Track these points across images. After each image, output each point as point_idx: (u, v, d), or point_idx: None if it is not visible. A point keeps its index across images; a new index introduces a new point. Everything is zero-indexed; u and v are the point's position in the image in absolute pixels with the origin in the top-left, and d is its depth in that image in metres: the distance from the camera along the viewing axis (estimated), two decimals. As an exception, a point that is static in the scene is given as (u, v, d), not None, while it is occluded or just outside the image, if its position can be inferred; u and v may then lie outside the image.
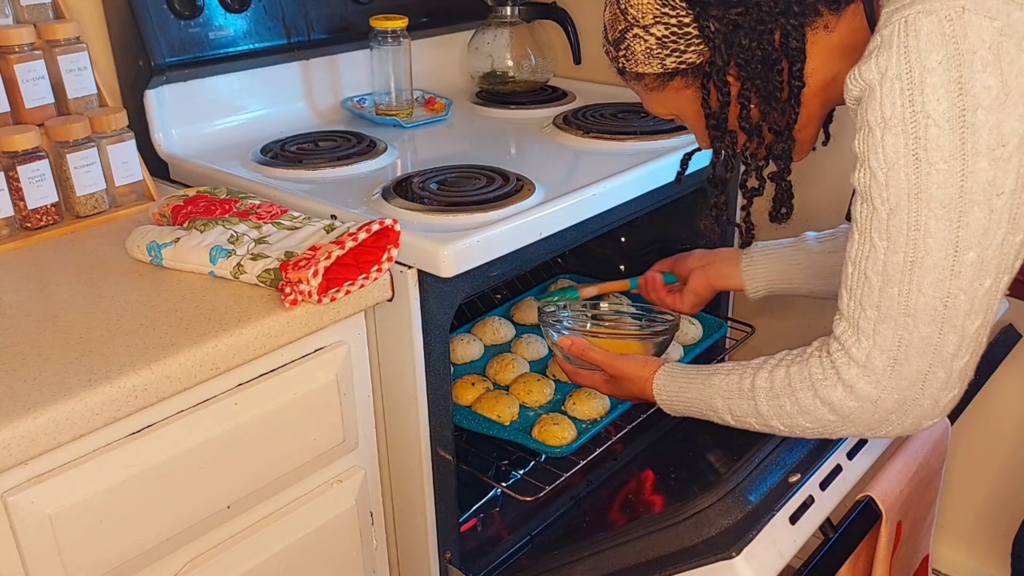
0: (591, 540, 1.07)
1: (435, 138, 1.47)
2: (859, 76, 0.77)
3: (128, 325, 0.90)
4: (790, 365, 0.90)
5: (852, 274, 0.83)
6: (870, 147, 0.78)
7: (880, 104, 0.76)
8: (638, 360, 1.11)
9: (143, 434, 0.86)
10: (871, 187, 0.79)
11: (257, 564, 1.00)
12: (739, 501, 0.98)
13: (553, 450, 1.21)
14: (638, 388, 1.09)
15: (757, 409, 0.93)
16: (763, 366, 0.93)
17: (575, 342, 1.17)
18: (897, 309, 0.80)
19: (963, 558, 1.62)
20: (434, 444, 1.12)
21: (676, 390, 1.04)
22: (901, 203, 0.77)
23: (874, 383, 0.83)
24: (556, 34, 1.67)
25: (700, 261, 1.27)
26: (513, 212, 1.10)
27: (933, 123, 0.74)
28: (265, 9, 1.42)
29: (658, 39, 0.87)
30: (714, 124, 0.91)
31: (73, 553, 0.82)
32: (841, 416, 0.87)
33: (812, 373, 0.87)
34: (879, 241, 0.79)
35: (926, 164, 0.75)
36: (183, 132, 1.37)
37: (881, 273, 0.80)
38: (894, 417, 0.85)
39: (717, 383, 0.97)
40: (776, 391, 0.91)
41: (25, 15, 1.18)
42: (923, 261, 0.78)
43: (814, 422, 0.89)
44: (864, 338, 0.83)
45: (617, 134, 1.37)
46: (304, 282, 0.92)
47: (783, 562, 0.95)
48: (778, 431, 0.93)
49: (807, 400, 0.88)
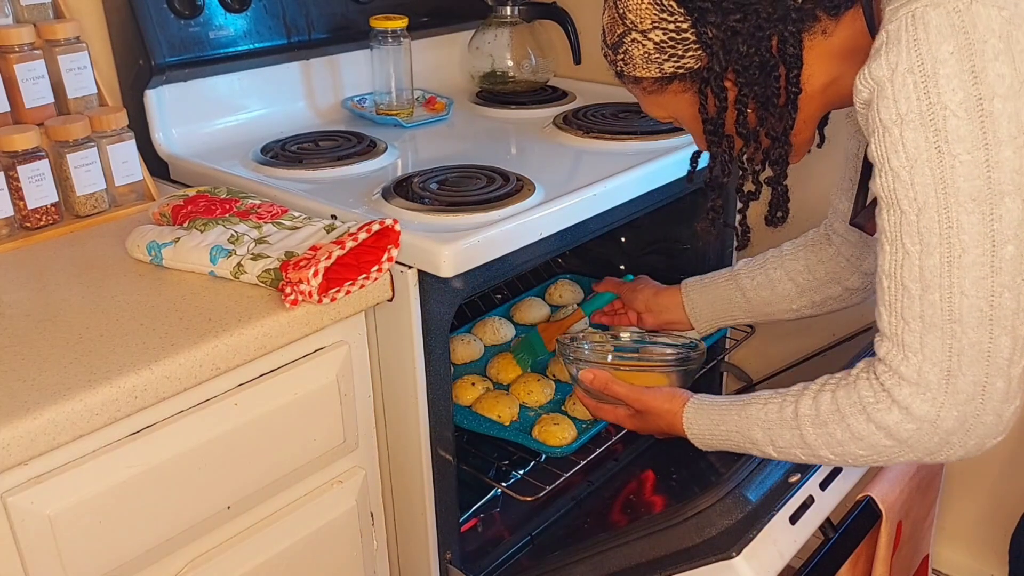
0: (592, 540, 1.07)
1: (435, 138, 1.46)
2: (868, 76, 0.76)
3: (128, 325, 0.90)
4: (836, 389, 0.86)
5: (888, 288, 0.80)
6: (889, 147, 0.75)
7: (894, 100, 0.74)
8: (664, 393, 1.07)
9: (143, 434, 0.85)
10: (895, 189, 0.76)
11: (257, 564, 1.00)
12: (739, 501, 0.98)
13: (553, 450, 1.21)
14: (666, 423, 1.05)
15: (803, 439, 0.89)
16: (804, 393, 0.89)
17: (598, 376, 1.12)
18: (941, 316, 0.77)
19: (963, 558, 1.62)
20: (434, 444, 1.12)
21: (709, 424, 1.00)
22: (929, 200, 0.74)
23: (931, 400, 0.79)
24: (556, 34, 1.67)
25: (644, 307, 1.31)
26: (513, 212, 1.09)
27: (951, 113, 0.72)
28: (265, 9, 1.42)
29: (656, 44, 0.86)
30: (711, 129, 0.91)
31: (73, 554, 0.82)
32: (899, 441, 0.82)
33: (862, 396, 0.83)
34: (912, 246, 0.77)
35: (949, 156, 0.73)
36: (183, 132, 1.37)
37: (919, 280, 0.77)
38: (955, 439, 0.80)
39: (754, 413, 0.93)
40: (823, 418, 0.86)
41: (25, 15, 1.18)
42: (960, 260, 0.75)
43: (868, 449, 0.84)
44: (912, 353, 0.79)
45: (617, 134, 1.37)
46: (304, 282, 0.92)
47: (783, 562, 0.95)
48: (827, 461, 0.89)
49: (859, 426, 0.83)
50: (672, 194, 1.34)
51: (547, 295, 1.65)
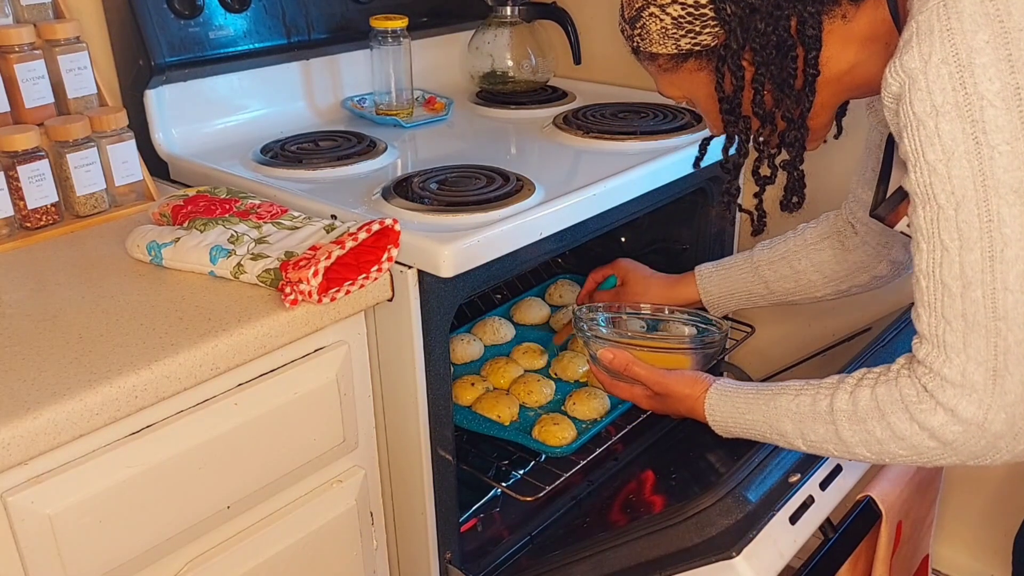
0: (592, 540, 1.07)
1: (435, 138, 1.46)
2: (900, 68, 0.74)
3: (128, 325, 0.90)
4: (875, 386, 0.83)
5: (927, 288, 0.77)
6: (924, 141, 0.73)
7: (929, 92, 0.72)
8: (687, 377, 1.04)
9: (143, 434, 0.85)
10: (932, 184, 0.74)
11: (257, 564, 1.00)
12: (739, 501, 0.98)
13: (553, 450, 1.21)
14: (686, 407, 1.03)
15: (839, 435, 0.86)
16: (840, 386, 0.86)
17: (618, 356, 1.10)
18: (985, 314, 0.74)
19: (963, 558, 1.62)
20: (434, 444, 1.12)
21: (733, 411, 0.97)
22: (968, 194, 0.72)
23: (977, 402, 0.76)
24: (556, 34, 1.67)
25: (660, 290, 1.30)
26: (513, 212, 1.09)
27: (988, 103, 0.70)
28: (265, 9, 1.42)
29: (674, 19, 0.85)
30: (727, 108, 0.89)
31: (73, 553, 0.82)
32: (943, 443, 0.79)
33: (904, 395, 0.80)
34: (951, 242, 0.74)
35: (987, 147, 0.71)
36: (183, 132, 1.37)
37: (959, 277, 0.74)
38: (1003, 443, 0.77)
39: (784, 404, 0.91)
40: (861, 415, 0.83)
41: (25, 15, 1.18)
42: (1003, 254, 0.72)
43: (909, 449, 0.81)
44: (954, 354, 0.76)
45: (617, 134, 1.37)
46: (304, 282, 0.92)
47: (783, 562, 0.95)
48: (862, 458, 0.87)
49: (902, 426, 0.81)
50: (672, 194, 1.34)
51: (547, 295, 1.65)
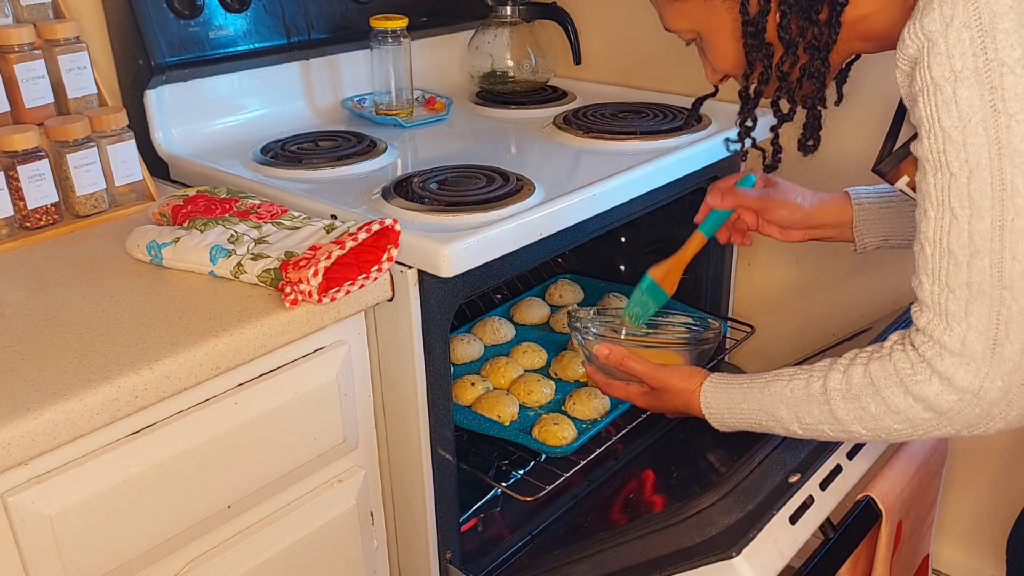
0: (592, 540, 1.07)
1: (435, 138, 1.47)
2: (919, 30, 0.73)
3: (128, 325, 0.90)
4: (868, 363, 0.84)
5: (932, 255, 0.77)
6: (940, 106, 0.72)
7: (948, 56, 0.71)
8: (682, 371, 1.05)
9: (143, 434, 0.85)
10: (946, 150, 0.73)
11: (257, 564, 1.00)
12: (739, 501, 0.98)
13: (553, 450, 1.21)
14: (681, 401, 1.03)
15: (833, 414, 0.87)
16: (833, 368, 0.87)
17: (613, 351, 1.10)
18: (990, 283, 0.74)
19: (963, 558, 1.62)
20: (434, 444, 1.12)
21: (728, 402, 0.98)
22: (982, 162, 0.72)
23: (974, 371, 0.76)
24: (556, 34, 1.67)
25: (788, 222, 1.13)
26: (513, 212, 1.09)
27: (1009, 70, 0.69)
28: (265, 9, 1.42)
29: None
30: (752, 32, 0.87)
31: (73, 553, 0.82)
32: (938, 413, 0.80)
33: (899, 369, 0.81)
34: (960, 210, 0.74)
35: (1005, 116, 0.70)
36: (183, 132, 1.37)
37: (967, 245, 0.74)
38: (997, 410, 0.78)
39: (778, 390, 0.91)
40: (855, 392, 0.84)
41: (25, 15, 1.18)
42: (1013, 224, 0.72)
43: (905, 423, 0.82)
44: (955, 322, 0.76)
45: (617, 134, 1.37)
46: (304, 282, 0.92)
47: (783, 562, 0.95)
48: (858, 436, 0.88)
49: (896, 399, 0.81)
50: (672, 194, 1.34)
51: (547, 295, 1.65)
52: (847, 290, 1.55)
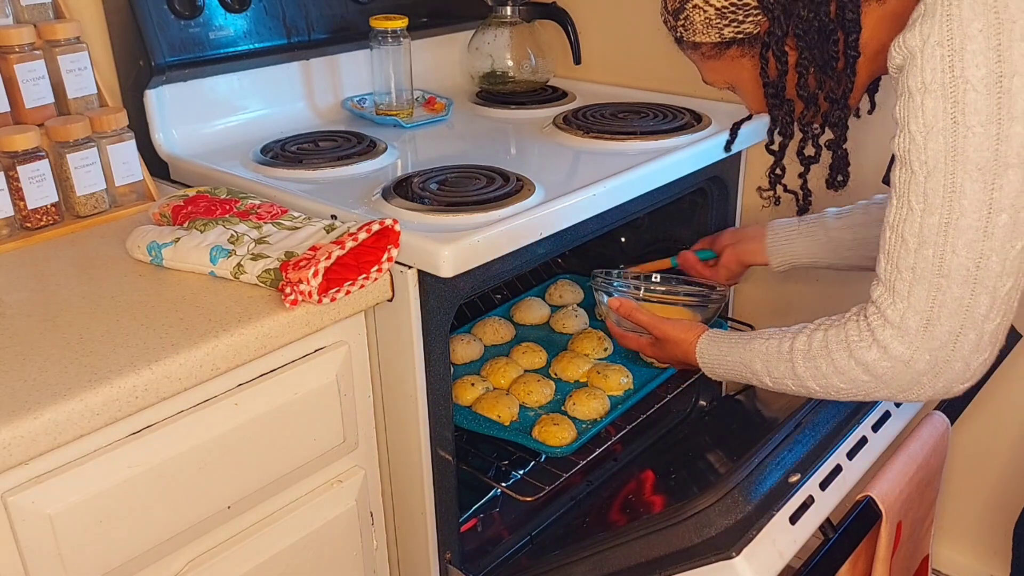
0: (591, 540, 1.07)
1: (435, 138, 1.47)
2: (903, 44, 0.80)
3: (128, 325, 0.90)
4: (828, 329, 0.93)
5: (890, 238, 0.85)
6: (910, 112, 0.80)
7: (921, 70, 0.78)
8: (683, 324, 1.16)
9: (143, 434, 0.86)
10: (910, 151, 0.81)
11: (257, 564, 1.00)
12: (739, 501, 0.98)
13: (553, 450, 1.21)
14: (681, 351, 1.14)
15: (794, 371, 0.97)
16: (802, 331, 0.97)
17: (623, 303, 1.23)
18: (931, 270, 0.83)
19: (963, 558, 1.62)
20: (434, 444, 1.12)
21: (718, 354, 1.08)
22: (939, 166, 0.79)
23: (907, 344, 0.86)
24: (556, 34, 1.67)
25: (731, 239, 1.34)
26: (513, 212, 1.09)
27: (972, 88, 0.76)
28: (265, 9, 1.42)
29: (717, 10, 0.90)
30: (772, 92, 0.94)
31: (73, 553, 0.82)
32: (875, 376, 0.90)
33: (848, 335, 0.91)
34: (916, 204, 0.82)
35: (963, 127, 0.78)
36: (183, 132, 1.37)
37: (917, 235, 0.83)
38: (925, 380, 0.87)
39: (757, 347, 1.02)
40: (813, 353, 0.94)
41: (25, 15, 1.18)
42: (957, 222, 0.80)
43: (848, 383, 0.92)
44: (899, 300, 0.85)
45: (617, 134, 1.37)
46: (304, 282, 0.92)
47: (783, 562, 0.95)
48: (813, 392, 0.97)
49: (842, 361, 0.91)
50: (672, 194, 1.34)
51: (547, 295, 1.65)
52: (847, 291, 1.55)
